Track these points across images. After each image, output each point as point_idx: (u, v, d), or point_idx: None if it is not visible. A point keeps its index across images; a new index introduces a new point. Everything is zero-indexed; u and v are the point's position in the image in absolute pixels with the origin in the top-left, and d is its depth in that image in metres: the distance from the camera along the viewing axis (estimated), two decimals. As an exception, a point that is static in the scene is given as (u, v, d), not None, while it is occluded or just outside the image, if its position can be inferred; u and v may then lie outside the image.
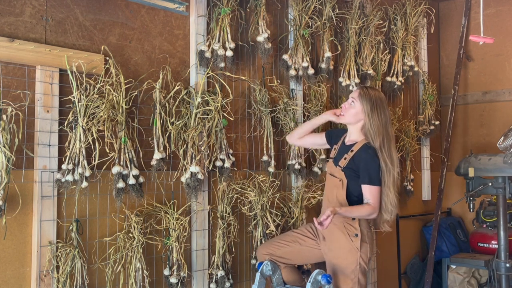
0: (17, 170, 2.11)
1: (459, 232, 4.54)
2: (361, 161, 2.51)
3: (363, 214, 2.49)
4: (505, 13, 4.53)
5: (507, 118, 4.44)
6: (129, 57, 2.54)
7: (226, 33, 2.84)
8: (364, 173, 2.50)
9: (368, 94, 2.56)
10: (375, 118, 2.52)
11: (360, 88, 2.61)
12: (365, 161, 2.50)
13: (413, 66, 4.16)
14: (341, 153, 2.62)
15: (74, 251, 2.23)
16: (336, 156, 2.65)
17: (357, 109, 2.57)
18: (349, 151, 2.56)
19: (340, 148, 2.68)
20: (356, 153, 2.53)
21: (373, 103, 2.54)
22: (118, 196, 2.35)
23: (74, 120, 2.24)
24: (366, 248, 2.53)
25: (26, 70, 2.17)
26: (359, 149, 2.54)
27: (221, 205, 2.81)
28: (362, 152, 2.52)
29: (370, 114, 2.53)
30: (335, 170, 2.59)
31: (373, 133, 2.52)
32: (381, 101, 2.58)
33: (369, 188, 2.49)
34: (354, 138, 2.62)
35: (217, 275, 2.73)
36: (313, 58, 3.43)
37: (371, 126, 2.52)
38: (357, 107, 2.56)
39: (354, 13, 3.59)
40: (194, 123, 2.62)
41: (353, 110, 2.58)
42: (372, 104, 2.54)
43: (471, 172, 3.63)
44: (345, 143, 2.66)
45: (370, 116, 2.53)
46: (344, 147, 2.64)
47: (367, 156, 2.50)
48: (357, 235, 2.51)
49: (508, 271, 3.55)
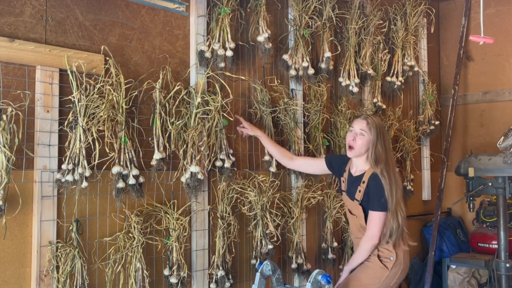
0: (17, 170, 2.11)
1: (459, 232, 4.54)
2: (370, 190, 2.54)
3: (365, 251, 2.54)
4: (505, 13, 4.53)
5: (507, 118, 4.44)
6: (129, 57, 2.54)
7: (226, 33, 2.84)
8: (371, 200, 2.54)
9: (374, 123, 2.57)
10: (381, 146, 2.55)
11: (365, 118, 2.60)
12: (373, 188, 2.53)
13: (413, 66, 4.16)
14: (353, 185, 2.63)
15: (74, 251, 2.23)
16: (349, 189, 2.68)
17: (367, 139, 2.56)
18: (361, 183, 2.58)
19: (349, 180, 2.69)
20: (367, 184, 2.56)
21: (378, 131, 2.56)
22: (118, 196, 2.35)
23: (74, 120, 2.24)
24: (398, 270, 2.55)
25: (26, 70, 2.17)
26: (369, 178, 2.56)
27: (221, 205, 2.81)
28: (371, 181, 2.54)
29: (376, 142, 2.54)
30: (353, 204, 2.63)
31: (378, 160, 2.54)
32: (383, 127, 2.63)
33: (370, 214, 2.53)
34: (361, 168, 2.62)
35: (217, 275, 2.73)
36: (313, 58, 3.43)
37: (376, 154, 2.54)
38: (366, 138, 2.56)
39: (354, 13, 3.59)
40: (194, 123, 2.61)
41: (362, 141, 2.56)
42: (377, 132, 2.56)
43: (471, 172, 3.63)
44: (352, 174, 2.67)
45: (376, 144, 2.54)
46: (354, 179, 2.64)
47: (375, 183, 2.53)
48: (392, 258, 2.54)
49: (508, 271, 3.55)
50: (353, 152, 2.59)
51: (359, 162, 2.62)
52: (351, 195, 2.63)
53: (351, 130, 2.61)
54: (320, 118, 3.33)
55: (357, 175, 2.63)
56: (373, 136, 2.54)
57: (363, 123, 2.58)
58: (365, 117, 2.61)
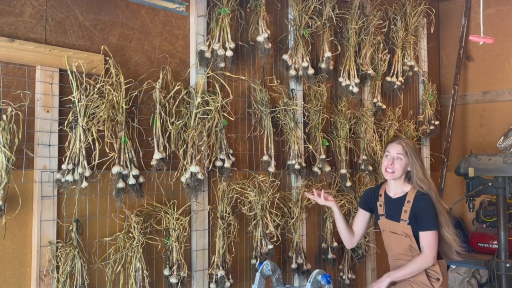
0: (17, 170, 2.11)
1: (459, 232, 4.54)
2: (420, 210, 2.59)
3: (417, 270, 2.57)
4: (505, 13, 4.53)
5: (507, 118, 4.44)
6: (129, 57, 2.54)
7: (226, 33, 2.84)
8: (422, 220, 2.59)
9: (408, 146, 2.68)
10: (419, 166, 2.66)
11: (399, 143, 2.69)
12: (423, 208, 2.59)
13: (413, 66, 4.16)
14: (395, 208, 2.68)
15: (74, 251, 2.23)
16: (389, 212, 2.71)
17: (404, 162, 2.66)
18: (405, 203, 2.64)
19: (388, 203, 2.74)
20: (413, 203, 2.62)
21: (413, 152, 2.67)
22: (118, 196, 2.35)
23: (74, 120, 2.24)
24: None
25: (26, 70, 2.17)
26: (414, 198, 2.63)
27: (221, 205, 2.80)
28: (418, 201, 2.61)
29: (414, 163, 2.65)
30: (398, 226, 2.65)
31: (420, 180, 2.64)
32: (416, 147, 2.73)
33: (425, 235, 2.57)
34: (402, 189, 2.70)
35: (217, 275, 2.73)
36: (313, 58, 3.43)
37: (417, 174, 2.64)
38: (404, 161, 2.66)
39: (354, 13, 3.59)
40: (194, 123, 2.61)
41: (401, 164, 2.66)
42: (413, 153, 2.67)
43: (471, 172, 3.62)
44: (391, 197, 2.73)
45: (415, 165, 2.65)
46: (395, 201, 2.70)
47: (424, 204, 2.60)
48: (439, 279, 2.59)
49: (508, 271, 3.55)
50: (392, 175, 2.67)
51: (398, 184, 2.71)
52: (394, 217, 2.67)
53: (386, 156, 2.71)
54: (320, 118, 3.33)
55: (398, 197, 2.69)
56: (410, 159, 2.65)
57: (399, 148, 2.67)
58: (399, 141, 2.70)
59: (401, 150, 2.67)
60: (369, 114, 3.72)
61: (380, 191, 2.81)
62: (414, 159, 2.66)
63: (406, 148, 2.67)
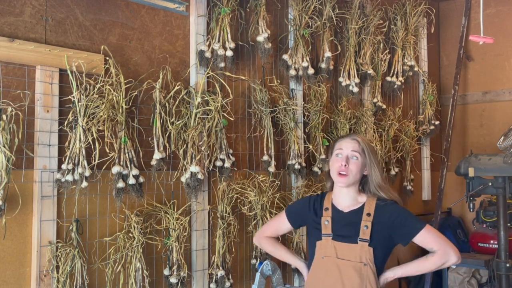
0: (17, 170, 2.10)
1: (459, 232, 4.54)
2: (393, 218, 2.04)
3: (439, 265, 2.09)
4: (505, 13, 4.53)
5: (507, 118, 4.44)
6: (129, 57, 2.54)
7: (226, 33, 2.84)
8: (404, 227, 2.05)
9: (364, 142, 2.12)
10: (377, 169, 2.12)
11: (354, 138, 2.13)
12: (397, 214, 2.05)
13: (413, 66, 4.16)
14: (350, 224, 2.07)
15: (74, 251, 2.22)
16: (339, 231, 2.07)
17: (361, 163, 2.09)
18: (363, 216, 2.05)
19: (338, 219, 2.10)
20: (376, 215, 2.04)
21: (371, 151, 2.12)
22: (118, 196, 2.35)
23: (74, 120, 2.24)
24: None
25: (26, 70, 2.17)
26: (375, 209, 2.06)
27: (221, 205, 2.80)
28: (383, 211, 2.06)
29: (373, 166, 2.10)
30: (354, 250, 2.01)
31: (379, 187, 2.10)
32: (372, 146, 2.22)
33: (422, 236, 2.04)
34: (356, 200, 2.11)
35: (217, 275, 2.73)
36: (313, 58, 3.43)
37: (376, 180, 2.10)
38: (361, 161, 2.09)
39: (354, 13, 3.59)
40: (194, 123, 2.61)
41: (357, 166, 2.08)
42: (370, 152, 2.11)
43: (471, 172, 3.62)
44: (342, 211, 2.11)
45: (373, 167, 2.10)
46: (349, 216, 2.09)
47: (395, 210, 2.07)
48: None
49: (508, 271, 3.54)
50: (346, 179, 2.06)
51: (351, 193, 2.11)
52: (349, 237, 2.03)
53: (338, 155, 2.10)
54: (320, 118, 3.33)
55: (352, 210, 2.09)
56: (368, 158, 2.09)
57: (354, 144, 2.10)
58: (354, 136, 2.14)
59: (357, 147, 2.08)
60: (369, 114, 3.72)
61: (325, 204, 2.15)
62: (373, 160, 2.09)
63: (363, 145, 2.09)
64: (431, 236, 2.05)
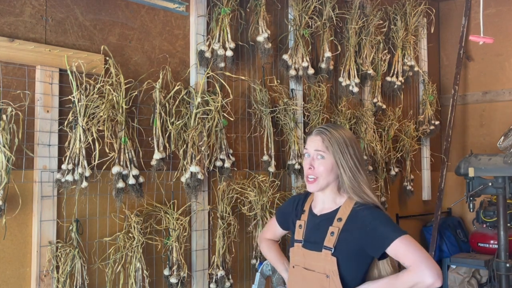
0: (17, 170, 2.10)
1: (459, 232, 4.54)
2: (366, 224, 1.74)
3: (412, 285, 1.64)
4: (505, 13, 4.53)
5: (507, 118, 4.44)
6: (129, 57, 2.54)
7: (226, 33, 2.84)
8: (378, 236, 1.72)
9: (332, 137, 1.80)
10: (348, 166, 1.79)
11: (318, 134, 1.83)
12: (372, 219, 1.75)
13: (413, 66, 4.16)
14: (318, 229, 1.83)
15: (74, 251, 2.22)
16: (309, 237, 1.85)
17: (330, 162, 1.80)
18: (334, 221, 1.79)
19: (311, 224, 1.87)
20: (347, 222, 1.77)
21: (340, 146, 1.80)
22: (118, 196, 2.35)
23: (74, 120, 2.24)
24: None
25: (26, 70, 2.17)
26: (349, 214, 1.78)
27: (221, 205, 2.80)
28: (356, 217, 1.77)
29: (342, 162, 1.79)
30: (318, 259, 1.78)
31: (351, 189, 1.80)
32: (350, 137, 1.84)
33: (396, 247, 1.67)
34: (334, 202, 1.86)
35: (217, 275, 2.73)
36: (313, 58, 3.43)
37: (346, 179, 1.80)
38: (329, 161, 1.80)
39: (354, 13, 3.59)
40: (194, 123, 2.61)
41: (324, 167, 1.80)
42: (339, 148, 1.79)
43: (471, 172, 3.62)
44: (316, 215, 1.88)
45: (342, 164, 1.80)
46: (320, 220, 1.85)
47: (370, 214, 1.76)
48: None
49: (508, 271, 3.54)
50: (316, 184, 1.81)
51: (328, 195, 1.86)
52: (315, 244, 1.80)
53: (305, 154, 1.86)
54: (320, 118, 3.32)
55: (324, 214, 1.85)
56: (335, 155, 1.79)
57: (317, 141, 1.81)
58: (320, 131, 1.83)
59: (320, 145, 1.79)
60: (369, 114, 3.72)
61: (305, 205, 1.94)
62: (342, 157, 1.78)
63: (328, 141, 1.79)
64: (405, 249, 1.66)
